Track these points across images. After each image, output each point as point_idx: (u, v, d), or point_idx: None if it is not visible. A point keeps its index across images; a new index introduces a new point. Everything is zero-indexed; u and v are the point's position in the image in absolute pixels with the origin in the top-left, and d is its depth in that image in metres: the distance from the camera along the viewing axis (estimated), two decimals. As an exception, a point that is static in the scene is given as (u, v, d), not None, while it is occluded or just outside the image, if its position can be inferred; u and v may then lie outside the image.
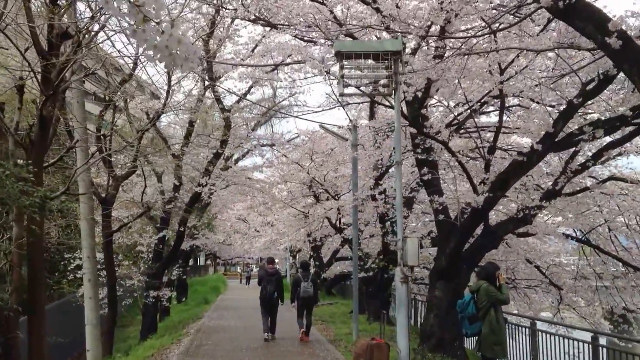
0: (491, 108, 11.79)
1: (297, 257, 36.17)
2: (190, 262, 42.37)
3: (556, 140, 8.11)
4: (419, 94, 9.12)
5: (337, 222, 18.18)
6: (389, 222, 13.21)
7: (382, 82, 6.93)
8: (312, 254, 28.84)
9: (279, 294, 12.07)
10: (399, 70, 6.63)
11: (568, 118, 8.01)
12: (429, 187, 9.75)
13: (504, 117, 10.30)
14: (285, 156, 16.75)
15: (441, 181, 11.10)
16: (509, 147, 13.08)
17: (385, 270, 14.19)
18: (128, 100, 13.20)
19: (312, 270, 21.71)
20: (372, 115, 13.89)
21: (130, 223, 13.48)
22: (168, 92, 12.67)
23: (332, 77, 8.63)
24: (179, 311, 18.62)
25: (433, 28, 8.54)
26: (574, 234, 13.27)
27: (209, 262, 55.49)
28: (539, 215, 10.17)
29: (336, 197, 17.44)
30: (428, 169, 9.61)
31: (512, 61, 8.72)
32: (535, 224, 9.99)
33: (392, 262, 14.46)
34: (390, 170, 13.35)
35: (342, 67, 6.56)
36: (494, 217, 12.01)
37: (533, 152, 8.12)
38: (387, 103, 9.98)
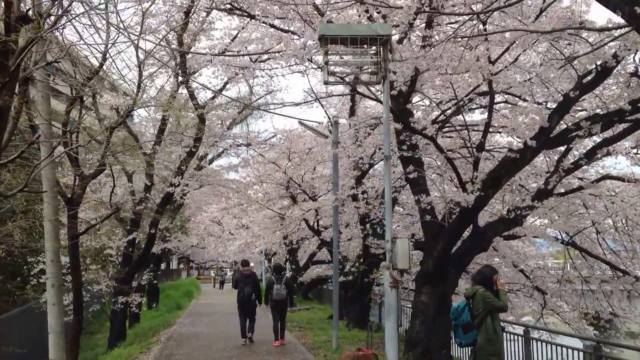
0: (475, 106, 11.42)
1: (272, 261, 35.51)
2: (163, 266, 41.30)
3: (551, 136, 7.71)
4: (404, 88, 8.67)
5: (315, 224, 17.63)
6: (369, 224, 12.69)
7: (369, 69, 6.43)
8: (287, 257, 28.25)
9: (257, 295, 12.12)
10: (388, 57, 6.13)
11: (564, 112, 7.64)
12: (415, 186, 9.27)
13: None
14: (262, 155, 16.13)
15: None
16: (492, 147, 12.75)
17: (366, 274, 13.69)
18: (97, 94, 12.45)
19: (287, 274, 21.45)
20: (352, 112, 13.42)
21: (98, 225, 12.69)
22: (139, 85, 11.98)
23: (313, 67, 8.09)
24: (150, 317, 17.82)
25: (418, 21, 8.13)
26: (559, 237, 12.97)
27: (182, 266, 54.31)
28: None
29: (314, 199, 16.91)
30: (414, 166, 9.13)
31: (503, 52, 8.32)
32: (523, 226, 9.59)
33: (372, 266, 13.98)
34: (372, 170, 12.87)
35: (326, 53, 6.03)
36: (479, 218, 11.61)
37: (527, 148, 7.71)
38: (372, 96, 9.51)
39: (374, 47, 6.15)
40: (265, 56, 13.71)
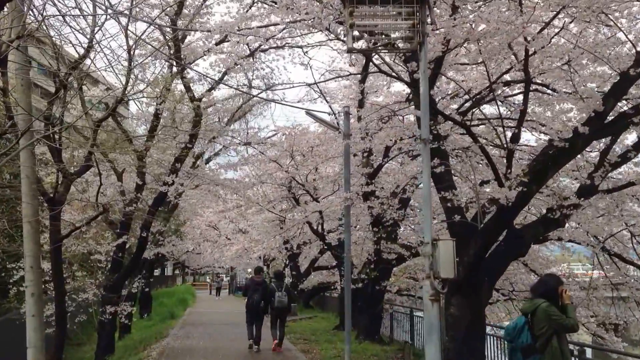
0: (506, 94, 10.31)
1: (270, 267, 34.35)
2: (157, 272, 40.04)
3: (605, 122, 6.63)
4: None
5: (319, 227, 16.50)
6: (382, 226, 11.57)
7: (401, 35, 5.34)
8: (287, 263, 27.10)
9: (266, 303, 11.97)
10: (426, 18, 5.04)
11: (622, 94, 6.57)
12: (441, 182, 8.16)
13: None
14: (262, 153, 15.00)
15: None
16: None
17: (377, 282, 12.56)
18: (82, 84, 11.32)
19: (287, 280, 20.69)
20: (361, 104, 12.31)
21: (83, 227, 11.53)
22: (128, 74, 10.89)
23: (332, 37, 7.00)
24: (142, 327, 16.62)
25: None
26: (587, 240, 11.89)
27: (177, 272, 53.01)
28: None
29: (317, 200, 15.77)
30: (439, 160, 8.02)
31: (543, 29, 7.24)
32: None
33: (385, 272, 12.87)
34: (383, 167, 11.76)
35: (351, 14, 4.92)
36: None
37: (578, 136, 6.61)
38: (394, 74, 8.39)
39: (406, 9, 5.06)
40: (267, 45, 12.78)
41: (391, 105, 10.50)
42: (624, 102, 7.67)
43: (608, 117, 6.84)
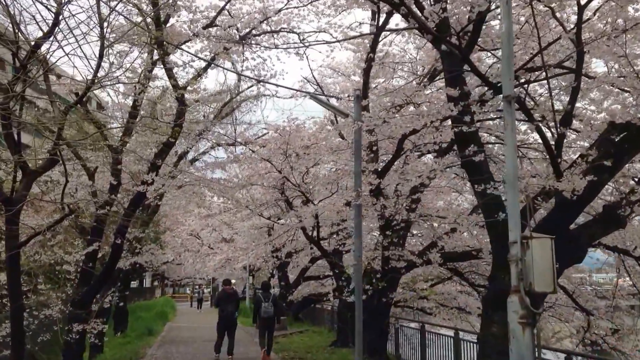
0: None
1: (255, 277, 32.73)
2: (134, 284, 38.00)
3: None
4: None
5: (313, 232, 14.99)
6: (392, 230, 10.15)
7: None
8: (273, 273, 25.54)
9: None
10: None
11: None
12: (475, 174, 6.81)
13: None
14: (252, 151, 13.53)
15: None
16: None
17: (385, 293, 11.13)
18: (47, 64, 9.76)
19: (274, 291, 19.58)
20: (365, 93, 10.94)
21: (45, 232, 9.90)
22: (101, 55, 9.42)
23: None
24: (116, 346, 14.90)
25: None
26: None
27: (156, 283, 50.84)
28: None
29: (313, 202, 14.31)
30: (476, 146, 6.67)
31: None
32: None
33: (392, 283, 11.46)
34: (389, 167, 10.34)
35: None
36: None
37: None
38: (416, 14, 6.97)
39: None
40: (260, 30, 11.46)
41: (404, 90, 9.11)
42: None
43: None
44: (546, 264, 3.41)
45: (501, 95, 7.57)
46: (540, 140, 8.03)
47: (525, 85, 6.85)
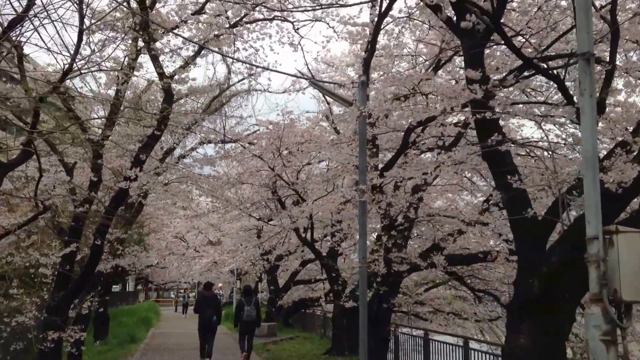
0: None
1: (242, 281, 31.84)
2: (117, 288, 36.83)
3: None
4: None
5: (307, 233, 14.22)
6: (396, 230, 9.43)
7: None
8: (262, 276, 24.73)
9: (218, 317, 12.47)
10: None
11: None
12: (500, 165, 6.12)
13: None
14: (243, 146, 12.76)
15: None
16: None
17: (386, 299, 10.41)
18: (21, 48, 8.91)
19: (264, 295, 18.91)
20: (366, 68, 10.20)
21: (16, 230, 9.04)
22: (80, 38, 8.62)
23: None
24: (95, 354, 13.96)
25: None
26: None
27: (139, 287, 49.58)
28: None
29: (306, 202, 13.55)
30: (500, 135, 5.99)
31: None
32: None
33: (393, 287, 10.74)
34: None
35: None
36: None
37: None
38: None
39: None
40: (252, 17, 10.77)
41: (411, 79, 8.40)
42: None
43: None
44: (636, 266, 2.72)
45: (524, 79, 6.91)
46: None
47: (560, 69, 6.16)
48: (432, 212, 10.55)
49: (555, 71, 6.07)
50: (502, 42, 5.93)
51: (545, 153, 7.42)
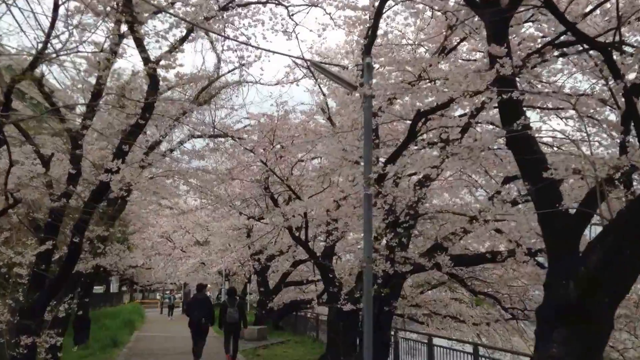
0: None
1: (230, 282, 31.05)
2: (100, 289, 35.78)
3: None
4: None
5: (300, 232, 13.50)
6: (402, 227, 8.74)
7: None
8: (250, 278, 24.00)
9: (208, 319, 12.28)
10: None
11: None
12: (521, 152, 5.47)
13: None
14: (234, 139, 12.02)
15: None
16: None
17: (387, 302, 9.72)
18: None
19: (251, 297, 18.39)
20: (368, 50, 9.47)
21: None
22: (55, 11, 7.91)
23: None
24: (75, 359, 13.14)
25: None
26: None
27: (124, 288, 48.45)
28: None
29: (301, 199, 12.85)
30: (524, 118, 5.34)
31: None
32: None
33: (395, 289, 10.07)
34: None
35: None
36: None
37: None
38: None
39: None
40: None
41: (420, 62, 7.71)
42: None
43: None
44: None
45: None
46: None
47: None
48: (438, 209, 9.84)
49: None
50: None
51: (578, 134, 6.75)
